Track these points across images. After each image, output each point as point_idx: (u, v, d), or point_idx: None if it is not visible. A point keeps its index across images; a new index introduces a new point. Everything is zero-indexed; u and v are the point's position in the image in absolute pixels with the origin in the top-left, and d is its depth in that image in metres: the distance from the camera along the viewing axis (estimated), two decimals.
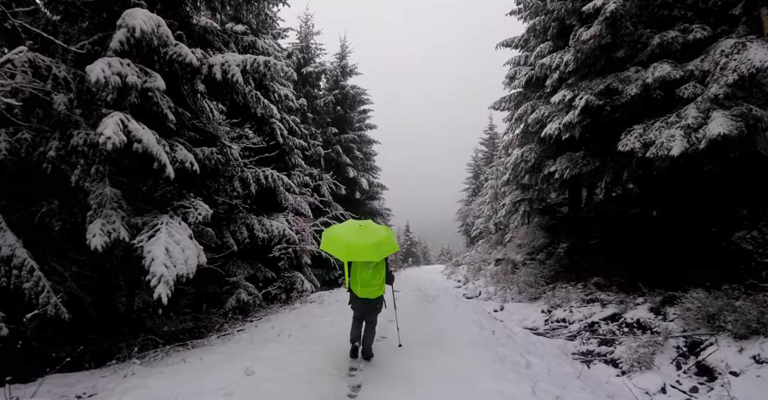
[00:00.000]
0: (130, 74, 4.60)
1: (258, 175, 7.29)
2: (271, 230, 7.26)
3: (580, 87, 8.26)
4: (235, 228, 7.01)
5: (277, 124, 12.53)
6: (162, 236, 4.26)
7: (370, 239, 3.93)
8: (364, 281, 4.06)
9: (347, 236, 3.98)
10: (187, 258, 4.36)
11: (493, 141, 34.23)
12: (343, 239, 3.95)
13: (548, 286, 10.30)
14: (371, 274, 4.05)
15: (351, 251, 3.86)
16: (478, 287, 14.07)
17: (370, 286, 4.07)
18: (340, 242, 3.96)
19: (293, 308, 8.20)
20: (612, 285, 8.34)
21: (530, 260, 12.78)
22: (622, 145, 7.22)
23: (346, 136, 19.28)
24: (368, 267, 4.05)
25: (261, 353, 4.53)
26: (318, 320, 6.64)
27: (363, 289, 4.09)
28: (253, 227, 7.15)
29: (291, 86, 19.67)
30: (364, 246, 3.86)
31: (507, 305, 9.87)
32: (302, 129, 17.18)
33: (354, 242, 3.89)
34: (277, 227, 7.31)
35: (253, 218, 7.29)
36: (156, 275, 3.93)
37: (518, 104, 13.72)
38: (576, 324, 7.53)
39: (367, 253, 3.85)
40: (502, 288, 12.09)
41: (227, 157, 7.08)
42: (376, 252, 3.85)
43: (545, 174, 11.59)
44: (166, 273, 3.94)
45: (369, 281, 4.06)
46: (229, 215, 7.26)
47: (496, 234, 20.81)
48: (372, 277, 4.05)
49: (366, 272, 4.05)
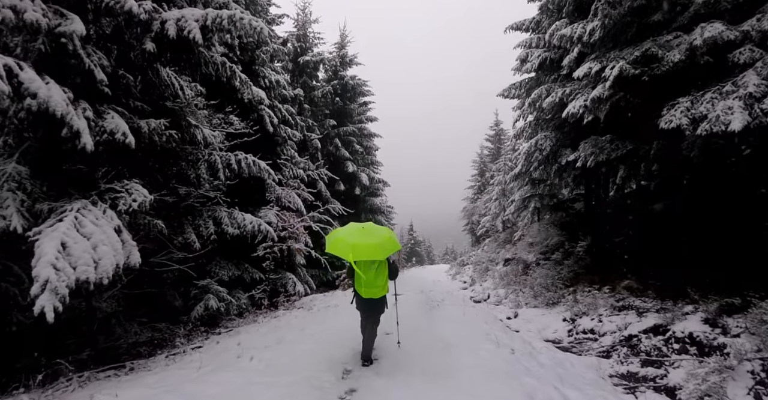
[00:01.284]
0: (31, 10, 3.40)
1: (229, 159, 6.06)
2: (243, 224, 6.04)
3: (608, 58, 6.96)
4: (200, 222, 5.80)
5: (266, 110, 11.33)
6: (61, 228, 3.05)
7: (374, 239, 4.07)
8: (368, 282, 4.14)
9: (351, 238, 4.08)
10: (100, 258, 3.15)
11: (498, 137, 32.86)
12: (348, 241, 4.03)
13: (567, 289, 8.99)
14: (374, 275, 4.13)
15: (357, 251, 3.94)
16: (486, 290, 12.77)
17: (374, 286, 4.15)
18: (345, 244, 4.02)
19: (275, 316, 6.98)
20: (647, 289, 7.02)
21: (544, 259, 11.47)
22: (665, 122, 5.91)
23: (346, 129, 18.05)
24: (372, 268, 4.13)
25: (203, 386, 3.30)
26: (297, 334, 5.41)
27: (367, 290, 4.17)
28: (221, 221, 5.93)
29: (286, 75, 18.54)
30: (368, 246, 3.98)
31: (521, 312, 8.57)
32: (298, 120, 15.99)
33: (359, 243, 3.99)
34: (251, 222, 6.09)
35: (222, 210, 6.07)
36: (39, 281, 2.72)
37: (530, 90, 12.39)
38: (608, 337, 6.23)
39: (373, 252, 3.97)
40: (514, 291, 10.79)
41: (191, 137, 5.88)
42: (380, 251, 3.99)
43: (561, 165, 10.29)
44: (54, 278, 2.74)
45: (373, 282, 4.14)
46: (194, 207, 6.04)
47: (504, 232, 19.47)
48: (375, 277, 4.13)
49: (370, 274, 4.12)
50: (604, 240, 9.61)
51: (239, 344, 4.97)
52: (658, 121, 6.03)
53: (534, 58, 11.69)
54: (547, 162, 11.09)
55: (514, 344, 5.50)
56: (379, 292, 4.17)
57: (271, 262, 8.65)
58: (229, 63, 10.54)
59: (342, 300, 9.41)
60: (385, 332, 4.98)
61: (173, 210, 5.63)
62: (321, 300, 9.47)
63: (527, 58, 12.25)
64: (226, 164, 6.02)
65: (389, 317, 4.56)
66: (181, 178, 5.83)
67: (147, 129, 4.76)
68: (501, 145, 32.34)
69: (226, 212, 6.03)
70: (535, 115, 11.33)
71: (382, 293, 4.20)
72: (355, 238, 4.05)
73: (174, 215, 5.67)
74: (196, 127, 5.90)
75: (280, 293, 8.93)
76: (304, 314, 7.06)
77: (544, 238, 12.58)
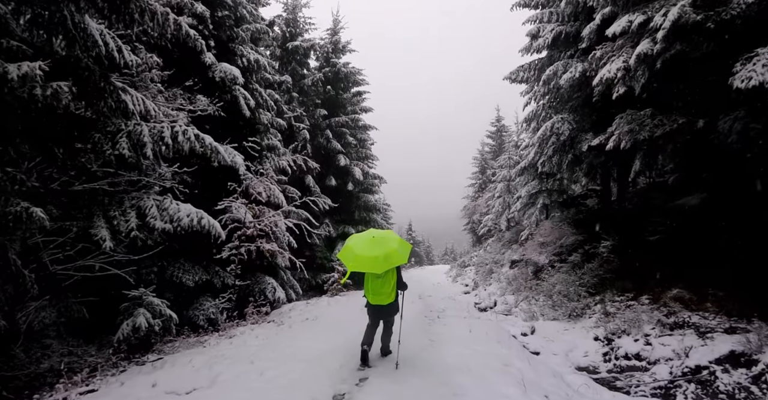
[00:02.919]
0: None
1: (161, 132, 4.49)
2: (178, 217, 4.47)
3: (654, 7, 5.42)
4: (116, 213, 4.24)
5: (241, 91, 9.78)
6: None
7: (378, 251, 3.96)
8: (375, 289, 4.12)
9: (358, 247, 4.06)
10: None
11: (500, 133, 31.29)
12: (354, 250, 4.04)
13: (593, 298, 7.43)
14: (380, 283, 4.10)
15: (357, 263, 3.97)
16: (492, 295, 11.20)
17: (380, 294, 4.11)
18: (350, 253, 4.05)
19: (231, 336, 5.41)
20: (705, 301, 5.45)
21: (559, 261, 9.91)
22: (741, 80, 4.37)
23: (338, 120, 16.48)
24: (378, 277, 4.08)
25: None
26: (244, 369, 3.83)
27: (374, 297, 4.14)
28: (146, 213, 4.37)
29: (275, 63, 16.99)
30: (369, 258, 3.92)
31: (538, 326, 7.00)
32: (284, 108, 14.44)
33: (361, 254, 3.97)
34: (189, 215, 4.52)
35: (149, 199, 4.49)
36: None
37: (541, 70, 10.83)
38: (663, 366, 4.65)
39: (372, 265, 3.92)
40: (525, 298, 9.22)
41: (119, 106, 4.31)
42: (381, 264, 3.89)
43: (576, 155, 8.74)
44: None
45: (379, 290, 4.11)
46: (108, 192, 4.47)
47: (510, 231, 17.88)
48: (381, 286, 4.10)
49: (376, 282, 4.11)
50: (633, 239, 8.05)
51: (154, 386, 3.41)
52: (730, 81, 4.49)
53: (547, 32, 10.14)
54: (563, 150, 9.53)
55: (543, 381, 3.93)
56: (386, 299, 4.10)
57: (237, 265, 7.08)
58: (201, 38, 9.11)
59: (325, 310, 7.85)
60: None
61: (77, 198, 4.09)
62: (300, 310, 7.91)
63: (539, 33, 10.70)
64: (158, 138, 4.45)
65: None
66: (85, 155, 4.26)
67: (16, 74, 3.19)
68: (503, 142, 30.81)
69: (156, 201, 4.47)
70: (548, 97, 9.78)
71: (389, 300, 4.12)
72: (360, 248, 4.03)
73: (80, 204, 4.13)
74: (115, 87, 4.33)
75: (250, 303, 7.35)
76: (270, 333, 5.50)
77: (558, 237, 11.01)
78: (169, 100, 7.80)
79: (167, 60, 9.12)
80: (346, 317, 6.60)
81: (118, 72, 6.18)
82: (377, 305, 4.13)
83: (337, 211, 16.30)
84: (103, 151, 4.30)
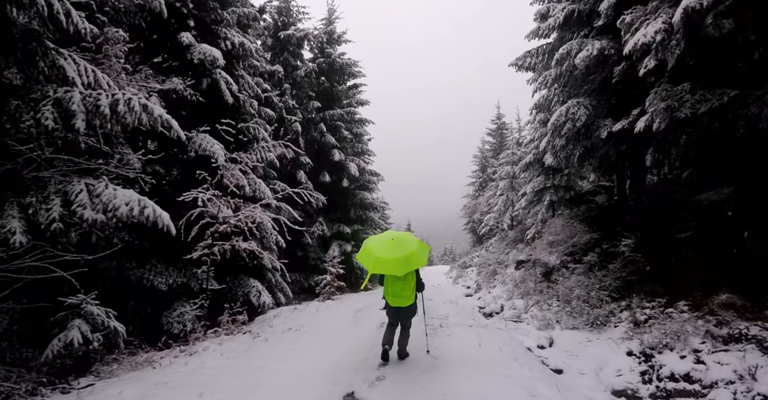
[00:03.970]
0: None
1: (98, 100, 3.53)
2: (114, 206, 3.49)
3: None
4: (35, 199, 3.28)
5: (223, 75, 8.84)
6: None
7: (398, 253, 3.93)
8: (395, 292, 4.11)
9: (377, 250, 4.03)
10: None
11: (500, 131, 30.40)
12: (373, 252, 4.01)
13: (617, 303, 6.49)
14: (401, 286, 4.09)
15: (377, 265, 3.94)
16: (497, 299, 10.24)
17: (400, 297, 4.10)
18: (370, 255, 4.02)
19: (191, 353, 4.43)
20: (764, 309, 4.53)
21: (573, 262, 8.96)
22: None
23: (332, 113, 15.53)
24: (398, 279, 4.08)
25: None
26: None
27: (394, 299, 4.12)
28: (72, 200, 3.40)
29: (267, 54, 16.06)
30: (390, 260, 3.90)
31: (556, 336, 6.06)
32: (275, 99, 13.49)
33: (381, 257, 3.93)
34: (129, 204, 3.53)
35: (79, 183, 3.52)
36: None
37: (551, 53, 9.92)
38: (723, 390, 3.72)
39: (392, 267, 3.90)
40: (537, 303, 8.28)
41: (57, 73, 3.37)
42: (401, 266, 3.89)
43: (601, 138, 7.77)
44: None
45: (399, 293, 4.11)
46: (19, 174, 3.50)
47: (514, 230, 16.94)
48: (402, 289, 4.09)
49: (396, 284, 4.10)
50: (659, 237, 7.11)
51: None
52: None
53: (557, 11, 9.20)
54: (577, 139, 8.61)
55: None
56: (405, 301, 4.10)
57: (210, 267, 6.13)
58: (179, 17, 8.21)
59: (312, 318, 6.88)
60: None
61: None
62: (285, 317, 6.95)
63: (548, 13, 9.80)
64: (93, 107, 3.49)
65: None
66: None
67: None
68: (503, 140, 29.93)
69: (87, 185, 3.48)
70: (561, 80, 8.84)
71: (409, 302, 4.12)
72: (380, 251, 4.00)
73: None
74: (59, 53, 3.39)
75: (225, 310, 6.39)
76: (239, 348, 4.53)
77: (569, 235, 10.07)
78: (138, 80, 6.86)
79: (139, 38, 8.21)
80: (335, 327, 5.65)
81: (76, 46, 5.27)
82: (397, 306, 4.14)
83: (332, 209, 15.35)
84: (23, 122, 3.34)
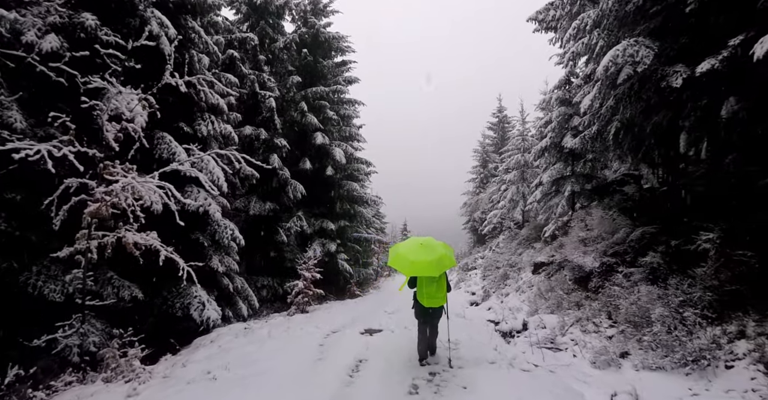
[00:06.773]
0: None
1: None
2: None
3: None
4: None
5: (156, 14, 6.47)
6: None
7: (431, 256, 4.14)
8: (430, 294, 4.25)
9: (411, 254, 4.22)
10: None
11: (502, 124, 28.16)
12: (408, 257, 4.20)
13: (720, 328, 4.17)
14: (436, 287, 4.25)
15: (415, 268, 4.14)
16: (515, 311, 7.89)
17: (435, 297, 4.26)
18: (405, 260, 4.19)
19: None
20: None
21: (622, 264, 6.61)
22: None
23: (315, 91, 13.16)
24: (432, 281, 4.24)
25: None
26: None
27: (429, 300, 4.27)
28: None
29: (243, 26, 13.71)
30: (426, 263, 4.08)
31: (636, 382, 3.72)
32: (243, 68, 11.10)
33: (417, 260, 4.13)
34: None
35: None
36: None
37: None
38: None
39: (429, 269, 4.09)
40: (578, 321, 5.92)
41: None
42: (436, 268, 4.10)
43: (675, 87, 5.44)
44: None
45: (434, 294, 4.25)
46: None
47: (526, 227, 14.58)
48: (437, 290, 4.25)
49: (431, 287, 4.25)
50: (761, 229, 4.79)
51: None
52: None
53: None
54: (639, 90, 6.25)
55: None
56: (439, 302, 4.30)
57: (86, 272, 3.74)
58: None
59: (255, 350, 4.48)
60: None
61: None
62: (218, 346, 4.56)
63: None
64: None
65: None
66: None
67: None
68: (505, 133, 27.71)
69: None
70: (607, 23, 6.49)
71: (442, 302, 4.31)
72: (414, 255, 4.18)
73: None
74: None
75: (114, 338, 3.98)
76: None
77: (609, 230, 7.73)
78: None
79: None
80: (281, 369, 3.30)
81: None
82: (431, 307, 4.28)
83: (314, 201, 12.93)
84: None
